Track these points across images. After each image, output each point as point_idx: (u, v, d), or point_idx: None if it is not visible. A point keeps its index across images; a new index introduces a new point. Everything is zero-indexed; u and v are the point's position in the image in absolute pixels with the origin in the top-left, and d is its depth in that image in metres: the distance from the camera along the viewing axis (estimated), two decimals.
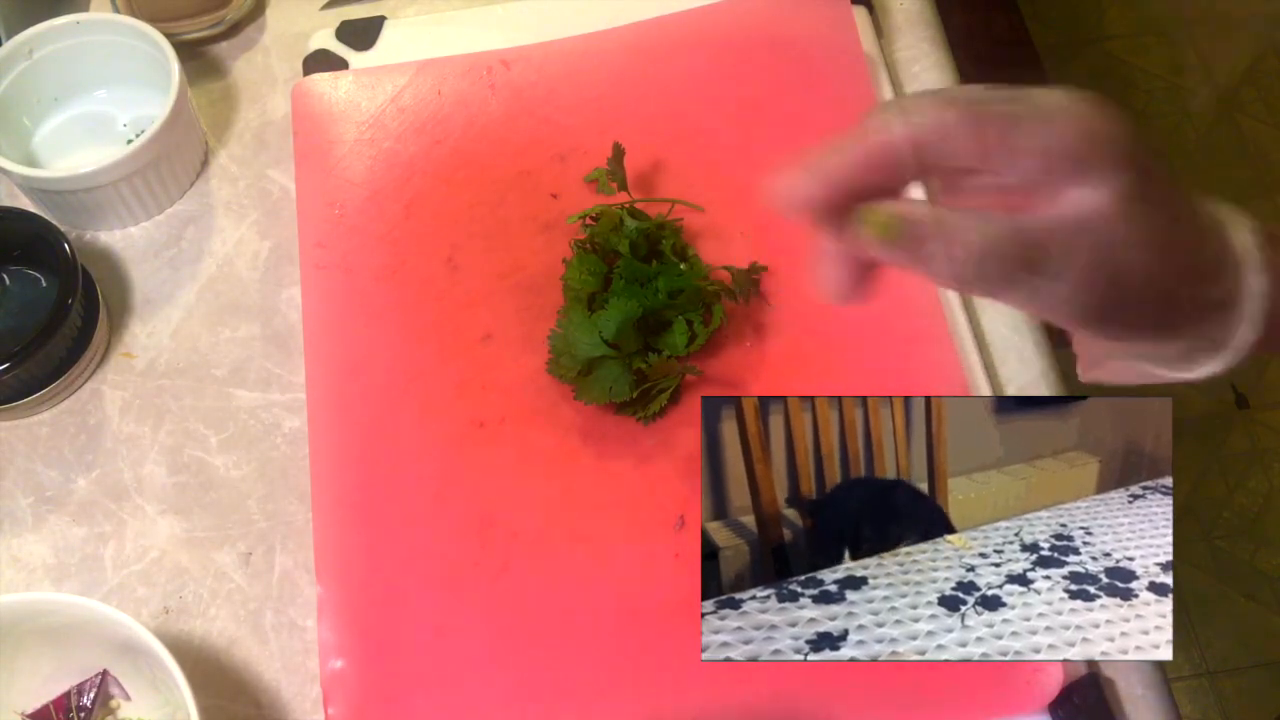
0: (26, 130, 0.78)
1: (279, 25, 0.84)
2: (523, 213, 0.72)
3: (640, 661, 0.60)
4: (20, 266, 0.72)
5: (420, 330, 0.69)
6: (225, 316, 0.73)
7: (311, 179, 0.74)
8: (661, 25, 0.78)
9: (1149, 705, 0.60)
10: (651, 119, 0.75)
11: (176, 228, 0.76)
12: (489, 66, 0.78)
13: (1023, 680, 0.58)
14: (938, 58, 0.80)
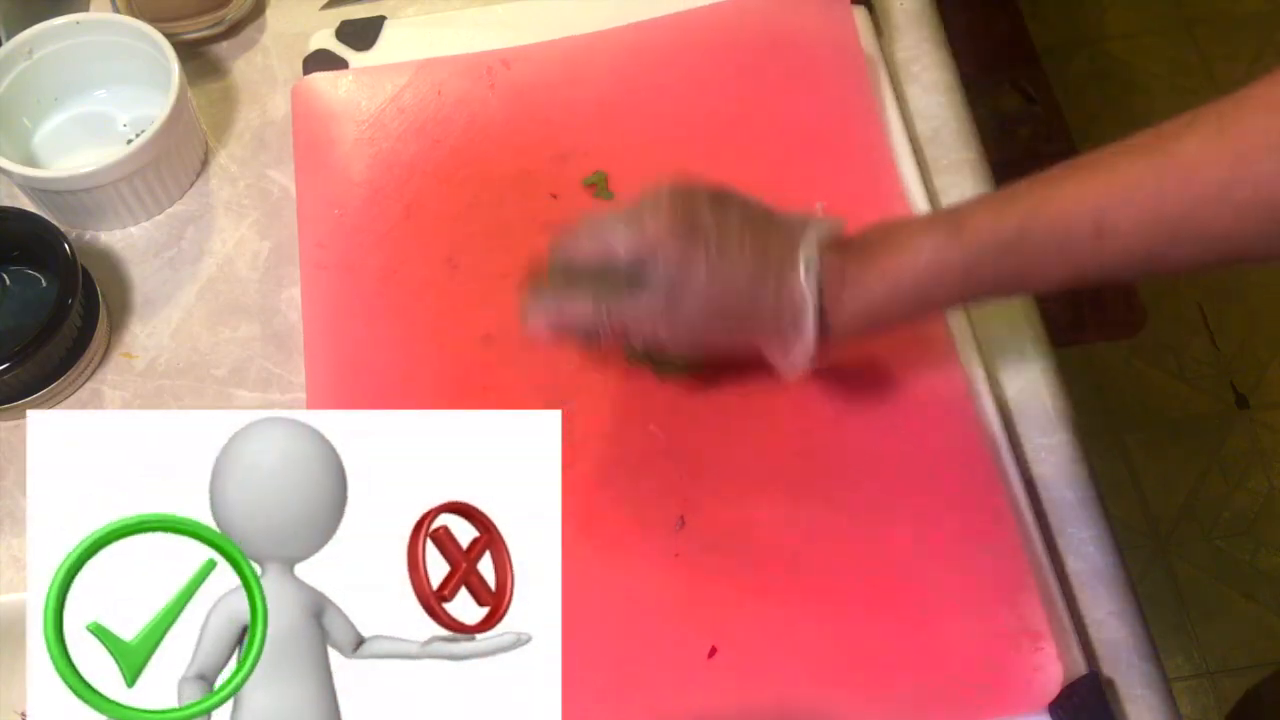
0: (26, 130, 0.78)
1: (279, 25, 0.84)
2: (523, 213, 0.72)
3: (640, 661, 0.60)
4: (20, 266, 0.72)
5: (420, 330, 0.69)
6: (225, 316, 0.73)
7: (311, 179, 0.74)
8: (661, 25, 0.78)
9: (1149, 705, 0.60)
10: (651, 119, 0.75)
11: (176, 228, 0.76)
12: (489, 66, 0.78)
13: (1023, 680, 0.58)
14: (938, 57, 0.80)
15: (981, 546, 0.61)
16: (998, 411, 0.66)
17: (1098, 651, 0.61)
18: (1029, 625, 0.59)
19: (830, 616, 0.60)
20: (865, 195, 0.71)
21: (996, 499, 0.62)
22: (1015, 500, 0.63)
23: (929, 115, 0.77)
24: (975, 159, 0.76)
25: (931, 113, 0.78)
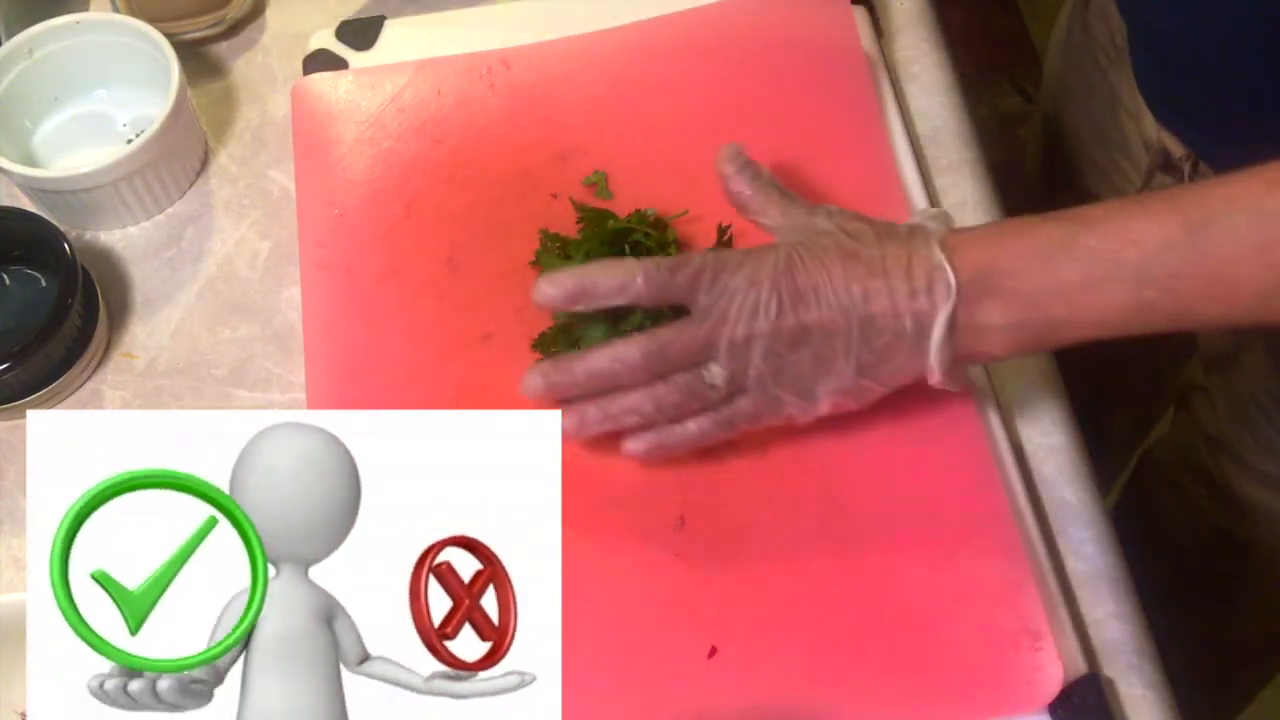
0: (26, 130, 0.78)
1: (279, 25, 0.84)
2: (523, 213, 0.72)
3: (640, 661, 0.60)
4: (20, 266, 0.72)
5: (420, 330, 0.69)
6: (225, 316, 0.73)
7: (311, 179, 0.74)
8: (662, 25, 0.78)
9: (1149, 705, 0.60)
10: (651, 118, 0.75)
11: (176, 228, 0.76)
12: (489, 66, 0.78)
13: (1023, 680, 0.58)
14: (938, 58, 0.80)
15: (981, 546, 0.61)
16: (998, 412, 0.66)
17: (1098, 651, 0.61)
18: (1029, 625, 0.58)
19: (830, 616, 0.60)
20: (865, 195, 0.71)
21: (996, 499, 0.62)
22: (1015, 500, 0.63)
23: (929, 115, 0.77)
24: (975, 159, 0.76)
25: (931, 113, 0.78)
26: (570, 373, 0.59)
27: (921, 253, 0.56)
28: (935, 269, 0.55)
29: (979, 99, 1.86)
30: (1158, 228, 0.53)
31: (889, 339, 0.56)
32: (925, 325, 0.56)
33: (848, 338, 0.56)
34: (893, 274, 0.56)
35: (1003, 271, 0.55)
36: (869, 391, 0.58)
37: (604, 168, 0.73)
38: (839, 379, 0.57)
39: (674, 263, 0.58)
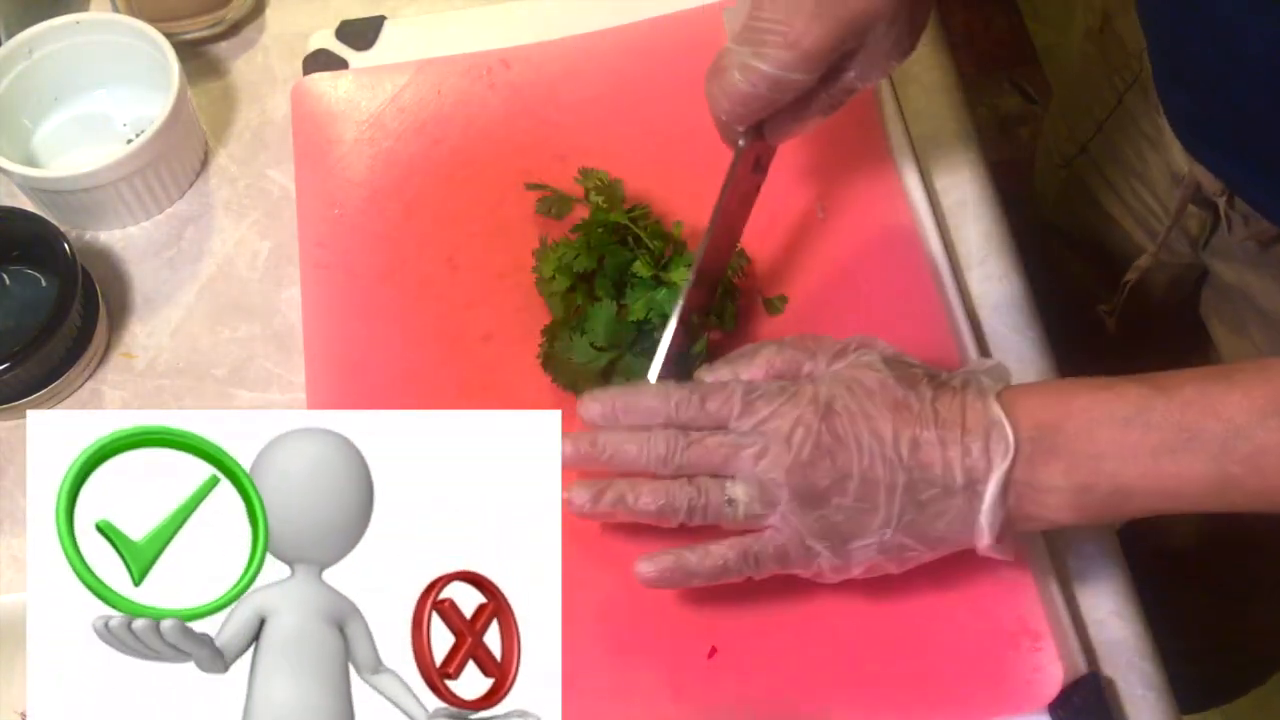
0: (26, 130, 0.78)
1: (279, 25, 0.84)
2: (523, 213, 0.72)
3: (640, 661, 0.60)
4: (20, 266, 0.72)
5: (420, 330, 0.69)
6: (225, 316, 0.73)
7: (311, 179, 0.74)
8: (662, 25, 0.78)
9: (1149, 705, 0.60)
10: (651, 119, 0.75)
11: (176, 228, 0.76)
12: (489, 66, 0.78)
13: (1023, 680, 0.58)
14: (938, 58, 0.80)
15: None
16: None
17: (1098, 651, 0.61)
18: (1029, 625, 0.59)
19: (830, 617, 0.60)
20: (865, 195, 0.71)
21: None
22: None
23: (929, 115, 0.77)
24: (975, 159, 0.76)
25: (931, 113, 0.78)
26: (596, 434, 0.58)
27: (977, 405, 0.53)
28: (993, 423, 0.52)
29: (979, 99, 1.87)
30: (1244, 399, 0.49)
31: (937, 493, 0.53)
32: (978, 482, 0.52)
33: (891, 489, 0.53)
34: (945, 425, 0.53)
35: (1068, 432, 0.52)
36: (909, 552, 0.55)
37: (604, 168, 0.72)
38: (879, 534, 0.54)
39: (706, 391, 0.56)
